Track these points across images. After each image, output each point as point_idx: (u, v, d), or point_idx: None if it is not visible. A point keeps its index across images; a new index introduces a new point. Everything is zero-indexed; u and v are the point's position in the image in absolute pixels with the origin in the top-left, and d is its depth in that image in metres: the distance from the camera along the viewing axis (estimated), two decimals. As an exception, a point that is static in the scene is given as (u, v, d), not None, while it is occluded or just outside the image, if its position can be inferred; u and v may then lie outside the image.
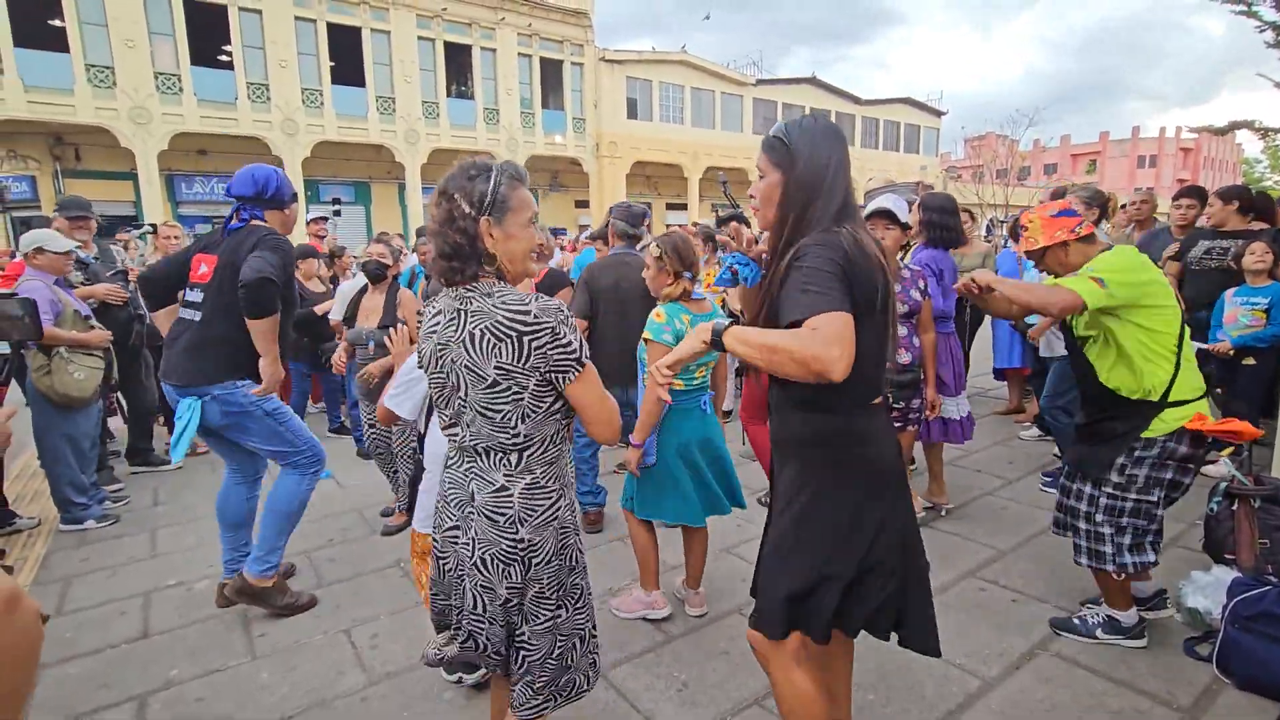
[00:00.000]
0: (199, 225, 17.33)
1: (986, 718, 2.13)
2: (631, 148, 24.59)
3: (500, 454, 1.50)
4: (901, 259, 3.36)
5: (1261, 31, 11.10)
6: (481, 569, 1.52)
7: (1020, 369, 5.41)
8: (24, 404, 3.94)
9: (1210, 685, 2.24)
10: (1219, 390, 3.89)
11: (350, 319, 3.92)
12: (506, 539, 1.50)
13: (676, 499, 2.56)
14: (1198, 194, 4.56)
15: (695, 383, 2.59)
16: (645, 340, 2.45)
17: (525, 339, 1.41)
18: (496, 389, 1.44)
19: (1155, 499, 2.29)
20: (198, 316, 2.65)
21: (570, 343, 1.46)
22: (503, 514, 1.49)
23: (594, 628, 1.68)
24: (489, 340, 1.42)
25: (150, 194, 16.72)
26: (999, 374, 5.77)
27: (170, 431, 5.17)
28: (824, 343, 1.28)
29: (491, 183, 1.45)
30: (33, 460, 4.45)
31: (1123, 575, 2.34)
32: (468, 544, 1.53)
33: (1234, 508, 2.67)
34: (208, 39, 17.35)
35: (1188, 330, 2.30)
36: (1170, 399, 2.22)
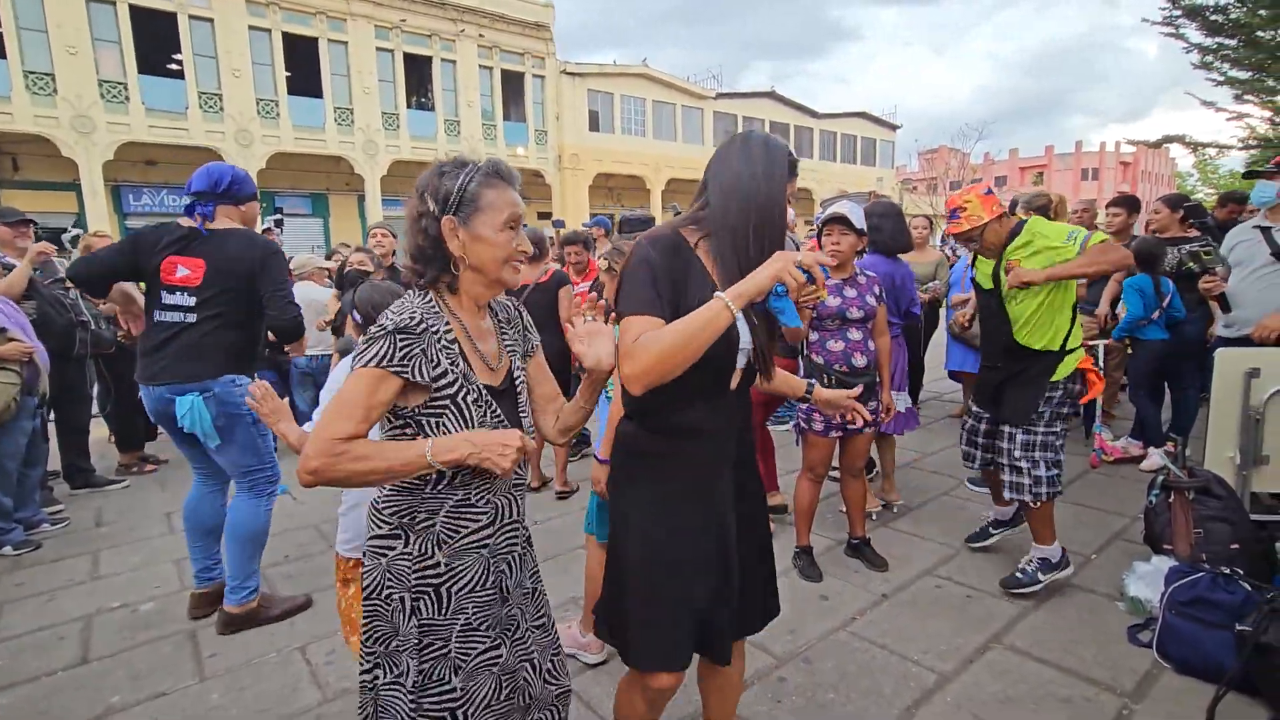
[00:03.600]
0: (152, 228, 16.77)
1: (944, 711, 2.17)
2: (594, 160, 24.69)
3: None
4: None
5: (1188, 53, 11.76)
6: None
7: (974, 374, 5.57)
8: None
9: (1151, 670, 2.33)
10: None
11: (338, 329, 3.99)
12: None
13: None
14: (1124, 203, 4.85)
15: None
16: None
17: None
18: None
19: (1058, 430, 2.77)
20: (190, 318, 2.66)
21: (366, 347, 1.25)
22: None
23: None
24: None
25: (95, 205, 16.13)
26: (954, 375, 5.93)
27: (120, 448, 4.99)
28: None
29: (460, 179, 1.31)
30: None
31: (1038, 503, 2.77)
32: None
33: (1170, 500, 2.81)
34: (156, 47, 16.88)
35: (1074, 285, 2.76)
36: (1068, 347, 2.71)
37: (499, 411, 1.37)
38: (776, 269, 1.25)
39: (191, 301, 2.68)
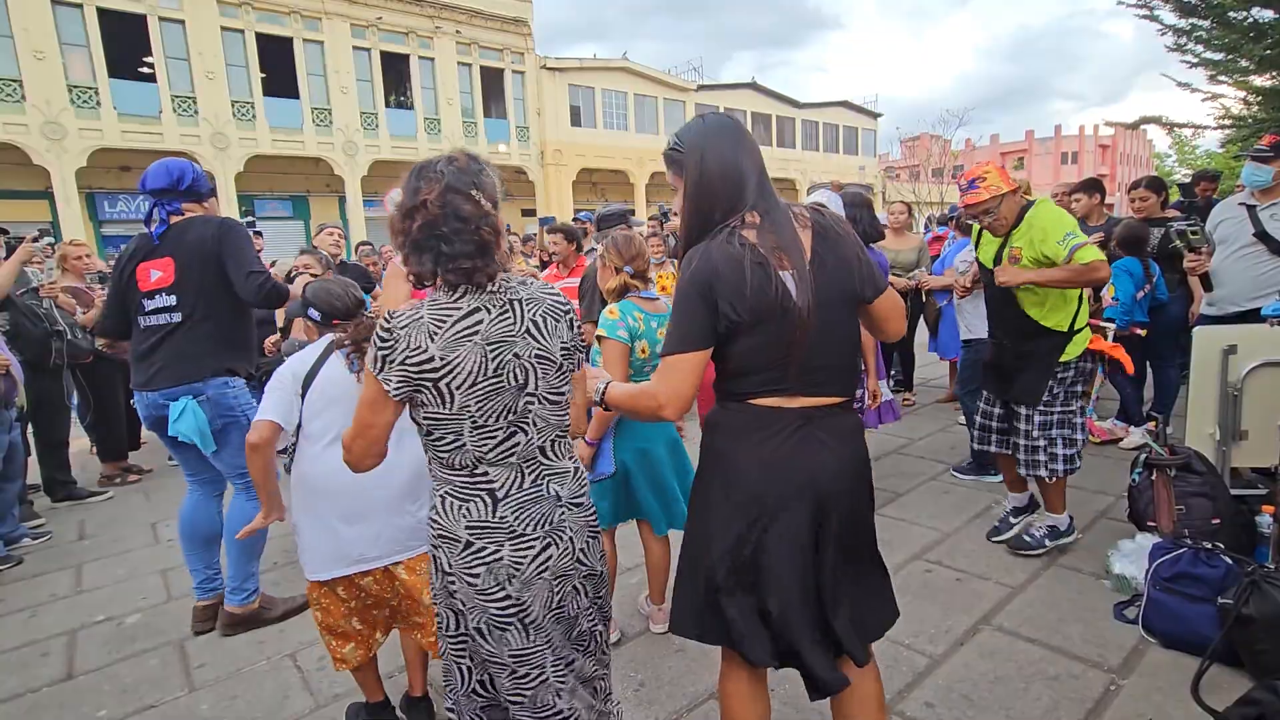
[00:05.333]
0: (125, 245, 16.51)
1: (935, 694, 2.19)
2: (577, 155, 24.59)
3: (560, 438, 1.49)
4: None
5: (1163, 35, 11.84)
6: (584, 559, 1.50)
7: (955, 359, 5.62)
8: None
9: (1137, 646, 2.36)
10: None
11: (285, 329, 3.89)
12: (591, 517, 1.54)
13: (629, 503, 2.47)
14: (1086, 187, 4.96)
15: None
16: (598, 337, 2.32)
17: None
18: (562, 370, 1.47)
19: (1074, 409, 2.84)
20: (175, 318, 2.64)
21: None
22: (583, 494, 1.53)
23: None
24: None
25: (69, 213, 15.85)
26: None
27: (103, 458, 4.91)
28: (652, 392, 1.44)
29: None
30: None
31: (1054, 479, 2.86)
32: (566, 549, 1.46)
33: (1153, 478, 2.84)
34: (126, 50, 16.58)
35: None
36: (1076, 327, 2.77)
37: None
38: None
39: (173, 301, 2.65)
